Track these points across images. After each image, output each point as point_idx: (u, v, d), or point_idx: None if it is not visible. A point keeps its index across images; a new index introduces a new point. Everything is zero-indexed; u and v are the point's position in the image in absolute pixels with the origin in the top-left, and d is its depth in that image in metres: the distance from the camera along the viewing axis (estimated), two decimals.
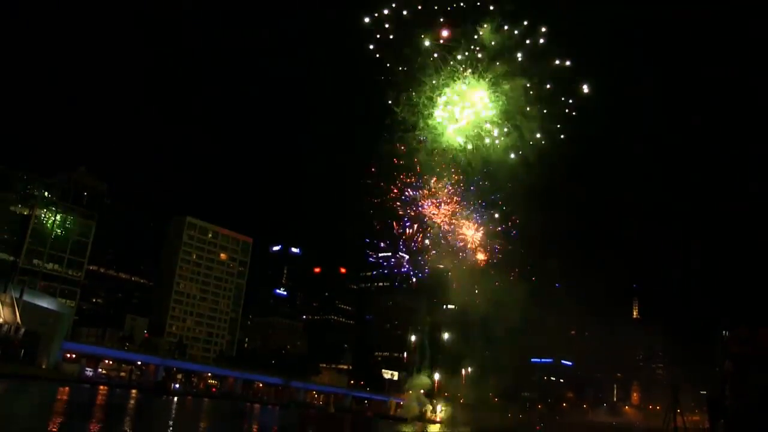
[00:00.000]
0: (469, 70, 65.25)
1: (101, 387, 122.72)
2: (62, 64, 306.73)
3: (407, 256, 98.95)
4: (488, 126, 68.09)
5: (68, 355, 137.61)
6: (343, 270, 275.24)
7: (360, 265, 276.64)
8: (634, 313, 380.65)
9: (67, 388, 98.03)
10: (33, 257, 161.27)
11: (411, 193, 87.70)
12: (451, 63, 64.71)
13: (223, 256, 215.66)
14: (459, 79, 65.80)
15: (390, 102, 66.75)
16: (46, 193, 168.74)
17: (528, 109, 67.54)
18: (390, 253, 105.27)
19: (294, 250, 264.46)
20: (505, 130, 69.34)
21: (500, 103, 66.84)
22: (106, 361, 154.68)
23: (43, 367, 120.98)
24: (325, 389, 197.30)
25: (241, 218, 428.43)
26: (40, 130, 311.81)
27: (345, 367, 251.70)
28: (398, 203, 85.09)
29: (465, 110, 67.29)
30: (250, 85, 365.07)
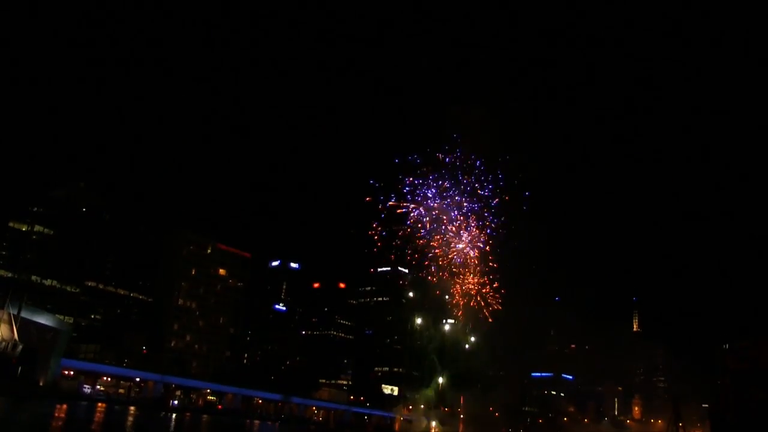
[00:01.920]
0: None
1: (99, 404, 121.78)
2: (61, 80, 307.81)
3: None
4: None
5: (66, 372, 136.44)
6: (342, 285, 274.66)
7: (359, 280, 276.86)
8: (635, 327, 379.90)
9: (65, 406, 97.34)
10: (31, 273, 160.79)
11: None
12: None
13: (222, 271, 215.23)
14: None
15: None
16: (44, 209, 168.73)
17: None
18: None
19: (293, 265, 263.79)
20: None
21: None
22: (105, 378, 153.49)
23: (41, 384, 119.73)
24: (324, 405, 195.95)
25: (239, 234, 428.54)
26: (39, 146, 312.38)
27: (345, 382, 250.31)
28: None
29: None
30: (251, 99, 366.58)
